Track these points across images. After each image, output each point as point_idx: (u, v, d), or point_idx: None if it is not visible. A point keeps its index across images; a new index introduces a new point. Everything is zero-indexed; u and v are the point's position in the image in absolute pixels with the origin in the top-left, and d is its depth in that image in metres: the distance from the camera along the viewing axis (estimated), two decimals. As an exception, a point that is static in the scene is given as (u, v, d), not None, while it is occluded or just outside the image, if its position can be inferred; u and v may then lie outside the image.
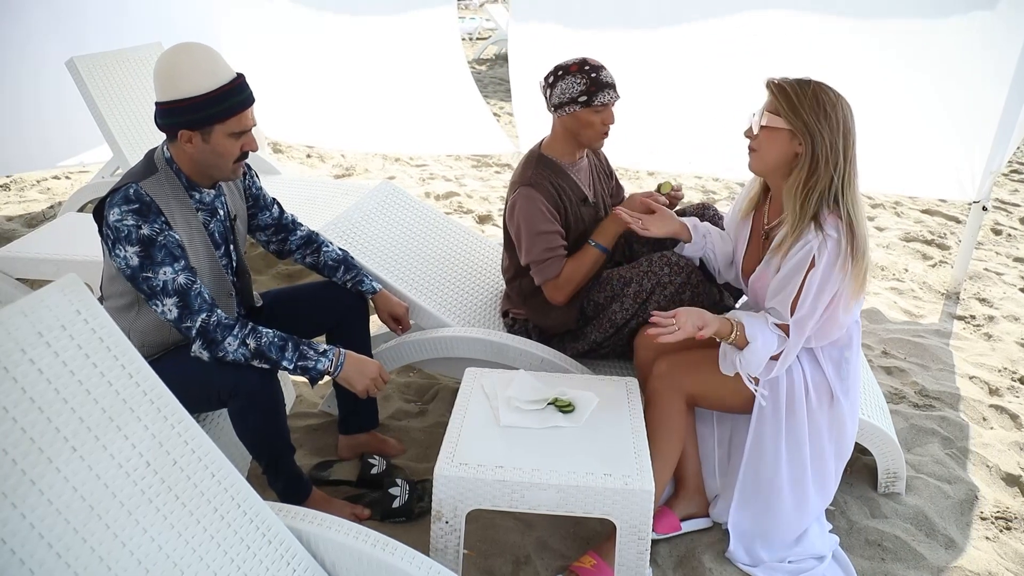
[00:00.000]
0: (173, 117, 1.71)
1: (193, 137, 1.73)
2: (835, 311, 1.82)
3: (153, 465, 1.22)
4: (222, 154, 1.76)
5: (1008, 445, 2.48)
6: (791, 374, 1.90)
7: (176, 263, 1.71)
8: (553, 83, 2.20)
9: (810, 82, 1.80)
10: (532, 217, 2.21)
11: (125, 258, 1.68)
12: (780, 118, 1.80)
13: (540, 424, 1.81)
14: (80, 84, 3.35)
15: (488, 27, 13.58)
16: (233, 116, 1.72)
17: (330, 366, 1.83)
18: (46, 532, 1.04)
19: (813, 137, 1.76)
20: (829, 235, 1.75)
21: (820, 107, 1.76)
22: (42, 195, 4.53)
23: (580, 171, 2.34)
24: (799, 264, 1.78)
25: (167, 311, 1.72)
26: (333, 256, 2.19)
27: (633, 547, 1.65)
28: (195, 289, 1.73)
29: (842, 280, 1.77)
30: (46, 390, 1.11)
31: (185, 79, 1.68)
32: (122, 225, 1.66)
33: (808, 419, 1.91)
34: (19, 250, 2.87)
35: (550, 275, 2.24)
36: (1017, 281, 3.91)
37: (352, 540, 1.39)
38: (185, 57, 1.70)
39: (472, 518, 1.76)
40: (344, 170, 5.44)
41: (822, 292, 1.78)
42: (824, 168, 1.76)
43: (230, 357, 1.75)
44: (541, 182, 2.23)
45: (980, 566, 1.95)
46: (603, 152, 2.51)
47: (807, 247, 1.77)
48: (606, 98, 2.16)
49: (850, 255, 1.75)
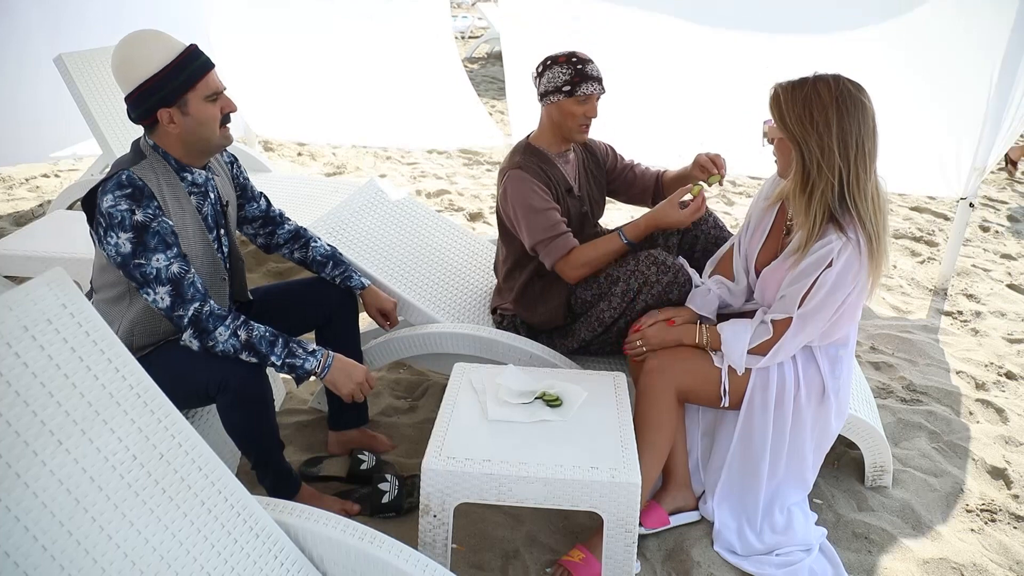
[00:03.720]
0: (145, 101, 1.73)
1: (173, 114, 1.74)
2: (844, 313, 1.83)
3: (139, 458, 1.22)
4: (204, 121, 1.77)
5: (994, 439, 2.51)
6: (782, 369, 1.91)
7: (169, 250, 1.71)
8: (541, 72, 2.24)
9: (804, 84, 1.76)
10: (527, 196, 2.21)
11: (116, 245, 1.68)
12: (777, 127, 1.82)
13: (528, 418, 1.82)
14: (68, 81, 3.34)
15: (480, 25, 13.58)
16: (200, 79, 1.74)
17: (317, 367, 1.83)
18: (31, 525, 1.04)
19: (799, 144, 1.76)
20: (850, 238, 1.75)
21: (807, 112, 1.73)
22: (31, 193, 4.51)
23: (567, 163, 2.35)
24: (818, 261, 1.78)
25: (159, 299, 1.72)
26: (322, 251, 2.19)
27: (620, 540, 1.66)
28: (188, 278, 1.73)
29: (856, 283, 1.78)
30: (31, 383, 1.11)
31: (142, 62, 1.71)
32: (116, 211, 1.66)
33: (794, 414, 1.93)
34: (7, 247, 2.86)
35: (559, 254, 2.20)
36: (1004, 277, 3.94)
37: (340, 534, 1.39)
38: (135, 44, 1.73)
39: (461, 513, 1.77)
40: (335, 168, 5.43)
41: (834, 292, 1.79)
42: (818, 173, 1.74)
43: (219, 348, 1.75)
44: (530, 166, 2.25)
45: (965, 558, 1.97)
46: (605, 146, 2.50)
47: (828, 247, 1.76)
48: (589, 89, 2.18)
49: (868, 256, 1.75)
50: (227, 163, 2.05)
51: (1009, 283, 3.87)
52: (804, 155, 1.76)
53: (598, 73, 2.21)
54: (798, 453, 1.96)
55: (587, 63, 2.20)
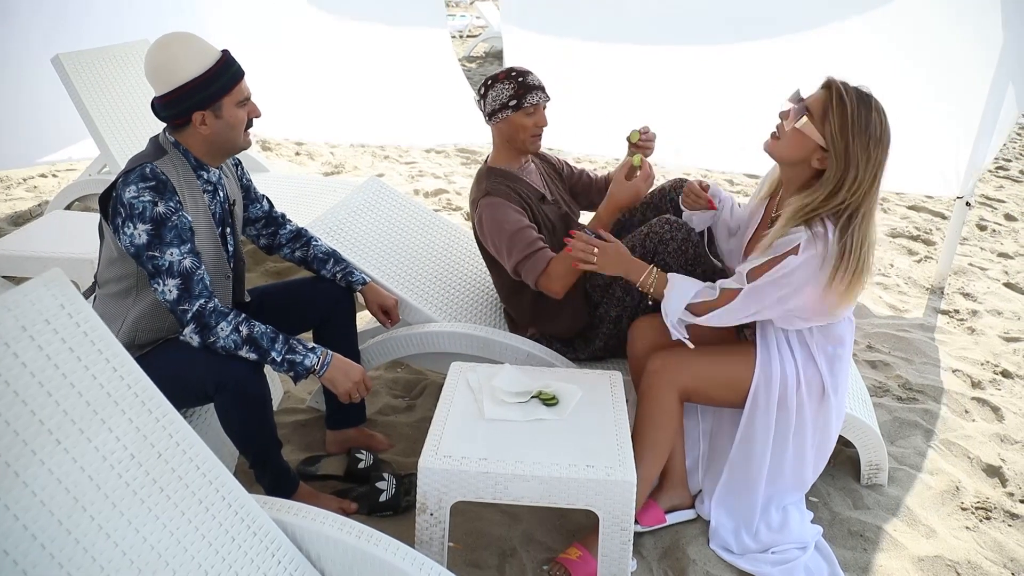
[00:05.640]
0: (183, 103, 1.78)
1: (207, 117, 1.80)
2: (807, 307, 1.80)
3: (138, 457, 1.23)
4: (234, 125, 1.84)
5: (989, 437, 2.52)
6: (783, 367, 1.91)
7: (183, 245, 1.74)
8: (484, 94, 2.27)
9: (870, 101, 1.70)
10: (502, 221, 2.21)
11: (132, 235, 1.70)
12: (819, 132, 1.72)
13: (524, 417, 1.83)
14: (66, 81, 3.34)
15: (478, 24, 13.58)
16: (236, 86, 1.82)
17: (317, 363, 1.85)
18: (30, 524, 1.04)
19: (848, 166, 1.69)
20: (818, 234, 1.72)
21: (869, 138, 1.67)
22: (29, 193, 4.51)
23: (530, 174, 2.38)
24: (784, 244, 1.77)
25: (167, 291, 1.74)
26: (323, 249, 2.20)
27: (616, 538, 1.66)
28: (198, 275, 1.76)
29: (816, 285, 1.74)
30: (30, 383, 1.12)
31: (184, 66, 1.76)
32: (138, 201, 1.69)
33: (796, 414, 1.93)
34: (5, 248, 2.86)
35: (539, 269, 2.17)
36: (1001, 276, 3.95)
37: (337, 532, 1.40)
38: (176, 46, 1.78)
39: (458, 511, 1.78)
40: (333, 167, 5.43)
41: (789, 278, 1.75)
42: (842, 197, 1.71)
43: (220, 343, 1.76)
44: (499, 188, 2.27)
45: (960, 555, 1.98)
46: (555, 156, 2.55)
47: (798, 235, 1.74)
48: (535, 99, 2.22)
49: (843, 271, 1.71)
50: (232, 164, 2.07)
51: (1006, 282, 3.88)
52: (845, 179, 1.70)
53: (539, 82, 2.25)
54: (800, 454, 1.97)
55: (527, 75, 2.24)
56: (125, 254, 1.76)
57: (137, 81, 3.56)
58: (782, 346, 1.93)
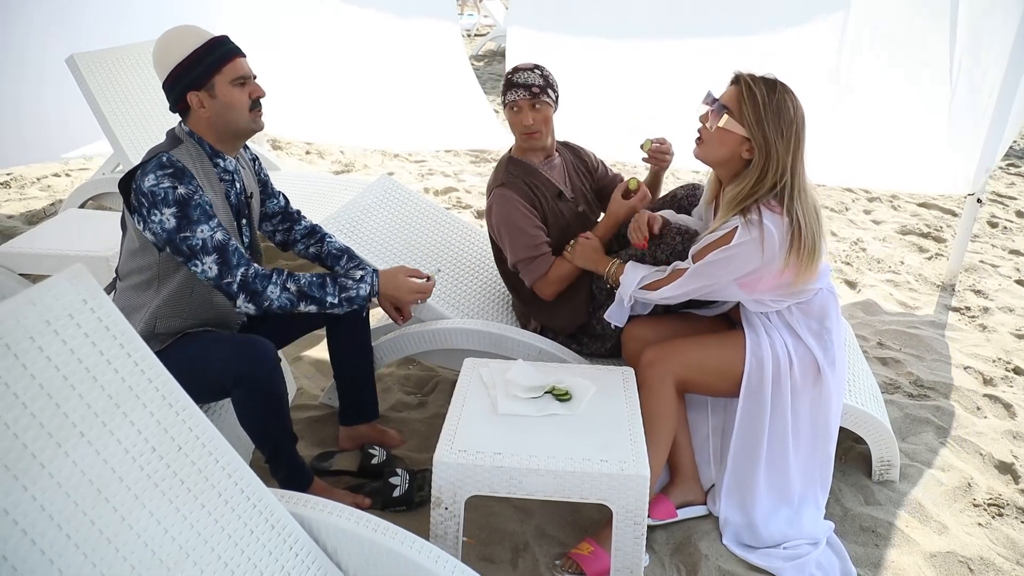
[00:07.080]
0: (176, 86, 1.81)
1: (202, 98, 1.81)
2: (763, 280, 1.88)
3: (159, 451, 1.25)
4: (232, 105, 1.83)
5: (1001, 434, 2.51)
6: (774, 349, 1.95)
7: (211, 220, 1.77)
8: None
9: (776, 86, 1.81)
10: (510, 215, 2.24)
11: (161, 222, 1.73)
12: (740, 125, 1.82)
13: (537, 412, 1.84)
14: (80, 81, 3.36)
15: (486, 23, 13.59)
16: (227, 63, 1.81)
17: (370, 289, 1.91)
18: (56, 514, 1.06)
19: (769, 152, 1.80)
20: (752, 221, 1.81)
21: (782, 120, 1.79)
22: (43, 192, 4.55)
23: (553, 169, 2.38)
24: (720, 230, 1.87)
25: (208, 269, 1.77)
26: (336, 246, 2.22)
27: (629, 532, 1.67)
28: (232, 245, 1.79)
29: (769, 265, 1.82)
30: (54, 377, 1.13)
31: (174, 48, 1.80)
32: (158, 188, 1.72)
33: (792, 398, 1.95)
34: (21, 246, 2.89)
35: (539, 273, 2.26)
36: (1012, 273, 3.94)
37: (354, 525, 1.41)
38: (171, 34, 1.83)
39: (471, 506, 1.79)
40: (343, 166, 5.46)
41: (733, 260, 1.84)
42: (770, 178, 1.81)
43: (275, 305, 1.81)
44: (514, 181, 2.28)
45: (972, 552, 1.98)
46: (586, 151, 2.54)
47: (732, 222, 1.84)
48: (513, 96, 2.22)
49: (799, 244, 1.80)
50: (250, 160, 2.09)
51: (1017, 279, 3.87)
52: (767, 163, 1.81)
53: (527, 80, 2.20)
54: (801, 437, 1.98)
55: (516, 71, 2.23)
56: (147, 245, 1.79)
57: (150, 80, 3.59)
58: (769, 329, 1.98)
